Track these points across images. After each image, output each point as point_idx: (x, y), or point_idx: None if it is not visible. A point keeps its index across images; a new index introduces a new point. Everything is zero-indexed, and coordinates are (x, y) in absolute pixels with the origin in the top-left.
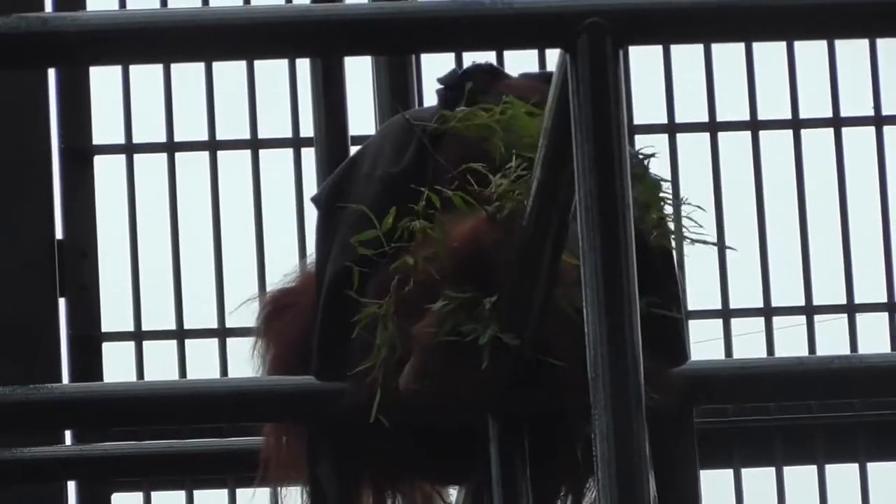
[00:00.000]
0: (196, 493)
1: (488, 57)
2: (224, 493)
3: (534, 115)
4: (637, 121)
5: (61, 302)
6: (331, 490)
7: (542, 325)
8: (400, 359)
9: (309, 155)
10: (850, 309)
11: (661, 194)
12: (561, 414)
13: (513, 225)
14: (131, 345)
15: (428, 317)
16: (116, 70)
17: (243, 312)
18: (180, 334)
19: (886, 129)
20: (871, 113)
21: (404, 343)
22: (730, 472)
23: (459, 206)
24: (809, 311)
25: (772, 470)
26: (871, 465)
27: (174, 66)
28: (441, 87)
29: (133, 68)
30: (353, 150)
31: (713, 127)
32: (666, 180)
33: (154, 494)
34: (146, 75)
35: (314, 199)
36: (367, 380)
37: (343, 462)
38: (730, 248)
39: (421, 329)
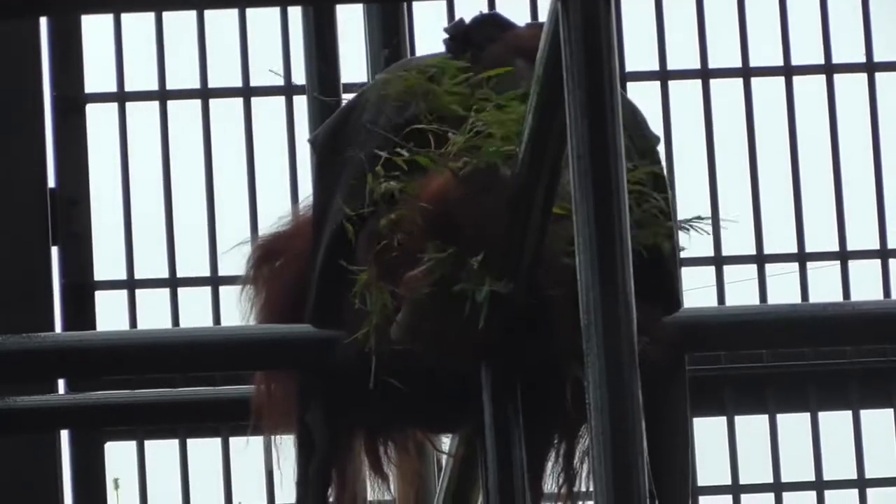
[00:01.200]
0: (189, 441)
1: (482, 5)
2: (217, 441)
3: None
4: (629, 68)
5: (54, 250)
6: (321, 438)
7: (534, 273)
8: (391, 313)
9: (301, 103)
10: (843, 256)
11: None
12: (553, 362)
13: (478, 180)
14: (124, 293)
15: (415, 269)
16: (108, 19)
17: (236, 259)
18: (173, 282)
19: (878, 75)
20: (864, 59)
21: (394, 298)
22: (722, 420)
23: (426, 165)
24: (802, 258)
25: (764, 417)
26: (863, 412)
27: (166, 15)
28: (447, 37)
29: (125, 17)
30: (346, 98)
31: (705, 74)
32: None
33: (147, 443)
34: (138, 24)
35: (311, 141)
36: (365, 343)
37: (334, 410)
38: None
39: (409, 281)
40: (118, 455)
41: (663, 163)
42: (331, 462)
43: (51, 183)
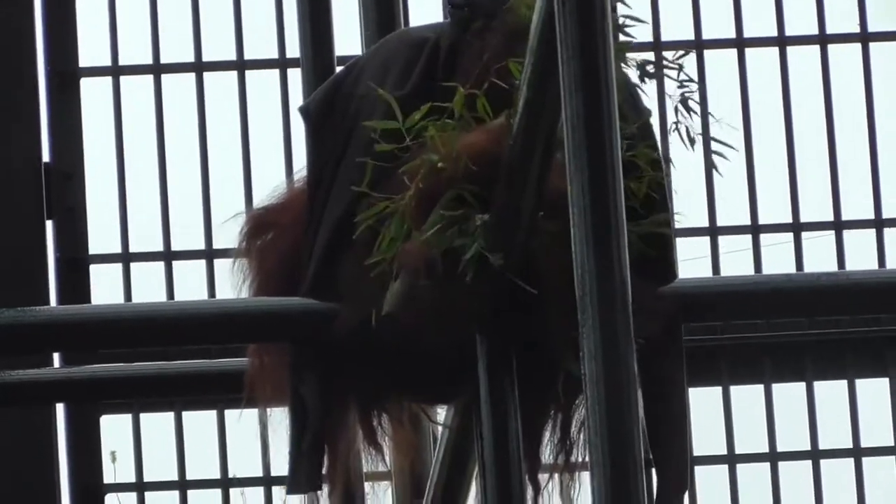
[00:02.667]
0: (184, 414)
1: None
2: (212, 414)
3: None
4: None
5: (48, 224)
6: (315, 410)
7: (529, 245)
8: (386, 280)
9: (295, 76)
10: (838, 226)
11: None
12: (549, 334)
13: None
14: (118, 266)
15: (415, 239)
16: None
17: (230, 232)
18: (167, 256)
19: (872, 45)
20: (858, 30)
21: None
22: (718, 390)
23: (481, 110)
24: (797, 228)
25: (760, 387)
26: (858, 382)
27: None
28: (451, 6)
29: None
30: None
31: (699, 45)
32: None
33: (142, 416)
34: None
35: (302, 109)
36: (362, 296)
37: (328, 382)
38: (723, 149)
39: (407, 251)
40: (114, 428)
41: (657, 136)
42: (324, 434)
43: (45, 157)
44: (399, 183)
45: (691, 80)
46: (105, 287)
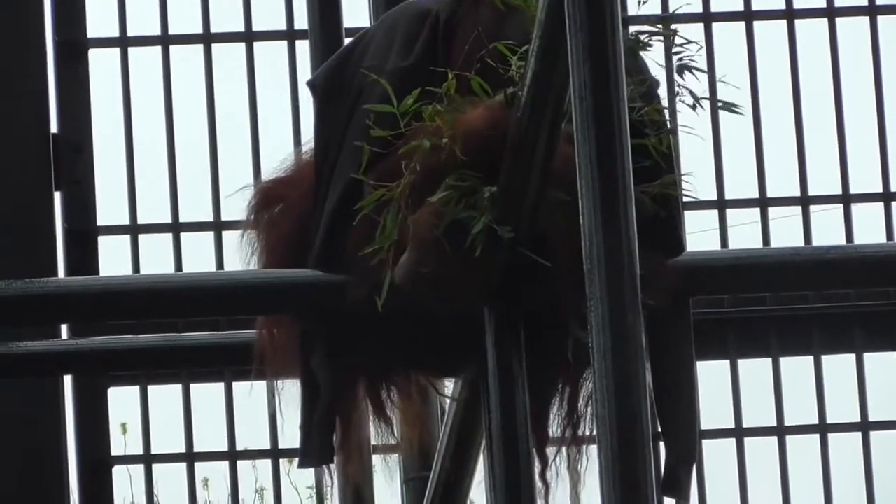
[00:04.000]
0: (192, 386)
1: None
2: (220, 386)
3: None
4: (631, 10)
5: (56, 196)
6: (325, 383)
7: (536, 217)
8: (398, 251)
9: (303, 47)
10: (846, 199)
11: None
12: (557, 306)
13: None
14: (126, 238)
15: (425, 209)
16: None
17: (239, 204)
18: (175, 227)
19: (881, 18)
20: (866, 3)
21: (405, 232)
22: (726, 364)
23: (477, 90)
24: (805, 201)
25: (768, 361)
26: (866, 356)
27: None
28: None
29: None
30: (347, 41)
31: (707, 17)
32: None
33: (150, 388)
34: None
35: (309, 83)
36: (366, 270)
37: (338, 355)
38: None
39: (417, 222)
40: (121, 400)
41: (664, 106)
42: (335, 406)
43: (53, 128)
44: (397, 165)
45: (689, 43)
46: (113, 259)
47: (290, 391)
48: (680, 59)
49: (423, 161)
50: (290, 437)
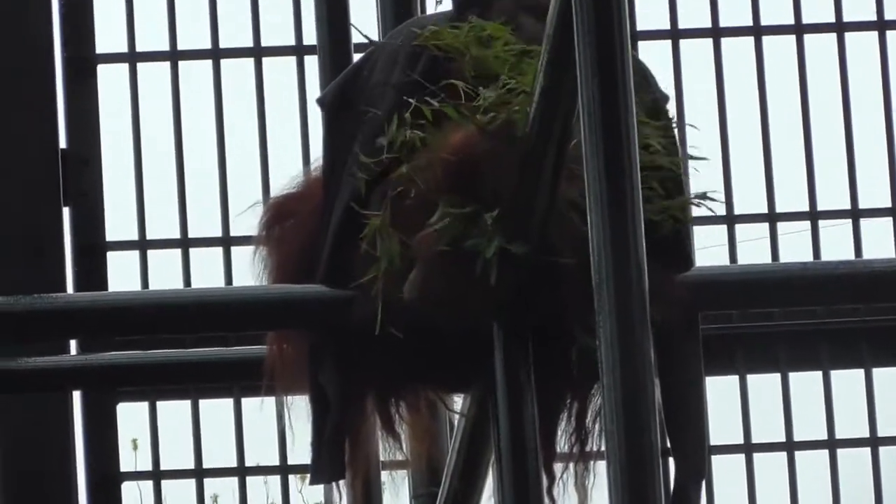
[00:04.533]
0: (201, 402)
1: None
2: (230, 402)
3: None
4: (640, 27)
5: (65, 211)
6: (335, 398)
7: (545, 232)
8: (404, 268)
9: (312, 63)
10: (855, 214)
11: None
12: (565, 321)
13: (506, 135)
14: (135, 253)
15: (428, 228)
16: None
17: (248, 220)
18: (185, 243)
19: (890, 34)
20: (875, 18)
21: (405, 253)
22: (734, 379)
23: (452, 117)
24: (814, 216)
25: (776, 376)
26: (875, 371)
27: None
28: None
29: None
30: (357, 57)
31: (716, 32)
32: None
33: (159, 404)
34: None
35: (319, 101)
36: (373, 289)
37: (347, 370)
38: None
39: (424, 239)
40: (130, 416)
41: (674, 122)
42: (345, 422)
43: (62, 143)
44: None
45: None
46: (122, 274)
47: (300, 407)
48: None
49: (408, 186)
50: (300, 452)
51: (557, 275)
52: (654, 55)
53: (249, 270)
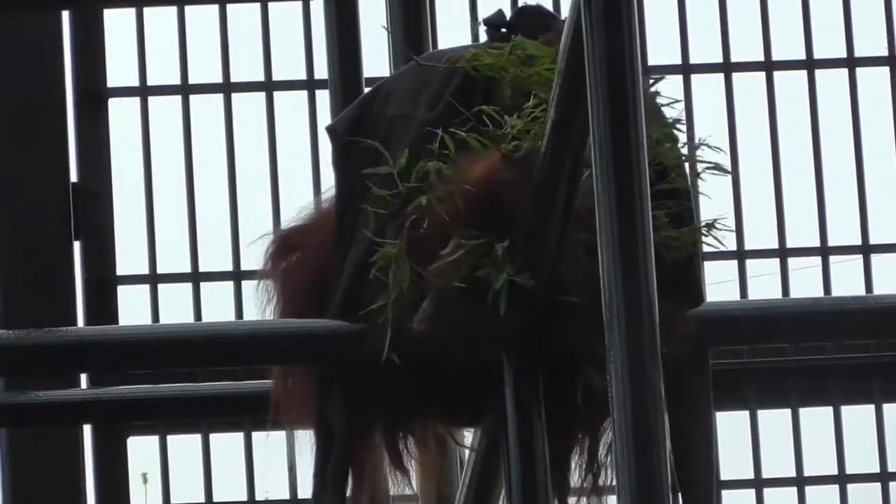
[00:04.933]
0: (212, 436)
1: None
2: (240, 436)
3: (545, 53)
4: (651, 62)
5: (76, 245)
6: (340, 431)
7: (556, 267)
8: (415, 299)
9: (323, 97)
10: (866, 250)
11: (675, 133)
12: (576, 355)
13: (530, 164)
14: (146, 287)
15: (442, 259)
16: (130, 12)
17: (258, 254)
18: (195, 277)
19: None
20: (886, 53)
21: (418, 284)
22: (745, 414)
23: (475, 147)
24: (824, 251)
25: (787, 411)
26: (886, 406)
27: (188, 8)
28: (487, 26)
29: (147, 10)
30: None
31: (727, 67)
32: (680, 121)
33: (169, 438)
34: (160, 18)
35: (329, 129)
36: (386, 320)
37: (354, 404)
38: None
39: (437, 271)
40: (141, 450)
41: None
42: (349, 456)
43: (73, 177)
44: (405, 220)
45: (675, 101)
46: (132, 308)
47: (307, 440)
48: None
49: (427, 217)
50: (309, 486)
51: (568, 309)
52: (664, 89)
53: (258, 303)
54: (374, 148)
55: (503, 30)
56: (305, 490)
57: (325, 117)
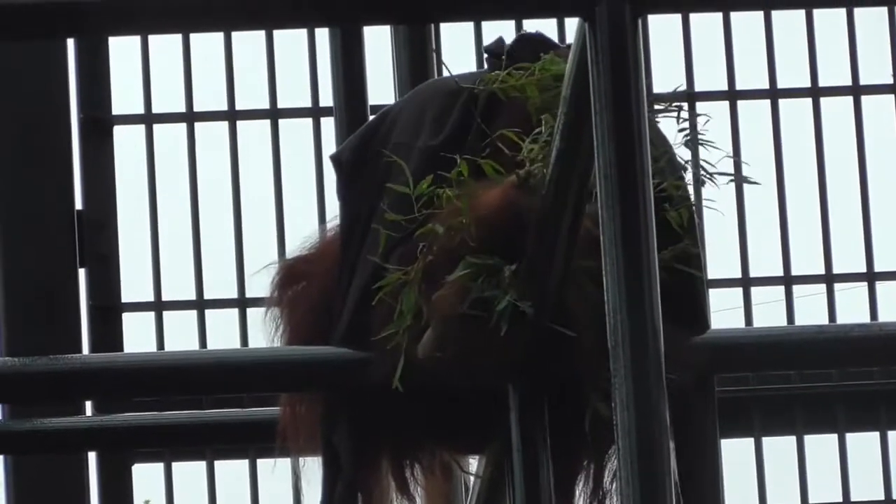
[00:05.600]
0: (217, 463)
1: (508, 27)
2: (245, 463)
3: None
4: (656, 90)
5: (81, 272)
6: (347, 459)
7: (561, 294)
8: (421, 326)
9: (328, 125)
10: (870, 277)
11: (678, 162)
12: (581, 383)
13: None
14: (151, 315)
15: (448, 286)
16: (136, 41)
17: (263, 282)
18: (200, 304)
19: None
20: (891, 81)
21: (426, 310)
22: (750, 441)
23: (490, 174)
24: (829, 279)
25: (792, 438)
26: (891, 434)
27: (193, 37)
28: (488, 55)
29: (152, 39)
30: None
31: (732, 95)
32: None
33: (175, 465)
34: (165, 46)
35: (334, 158)
36: (390, 348)
37: (361, 431)
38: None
39: (441, 298)
40: (145, 477)
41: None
42: (356, 483)
43: (78, 205)
44: (416, 247)
45: (699, 116)
46: (138, 335)
47: (313, 468)
48: (687, 135)
49: (439, 244)
50: None
51: (572, 338)
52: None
53: (264, 332)
54: (379, 176)
55: (503, 58)
56: None
57: (330, 144)
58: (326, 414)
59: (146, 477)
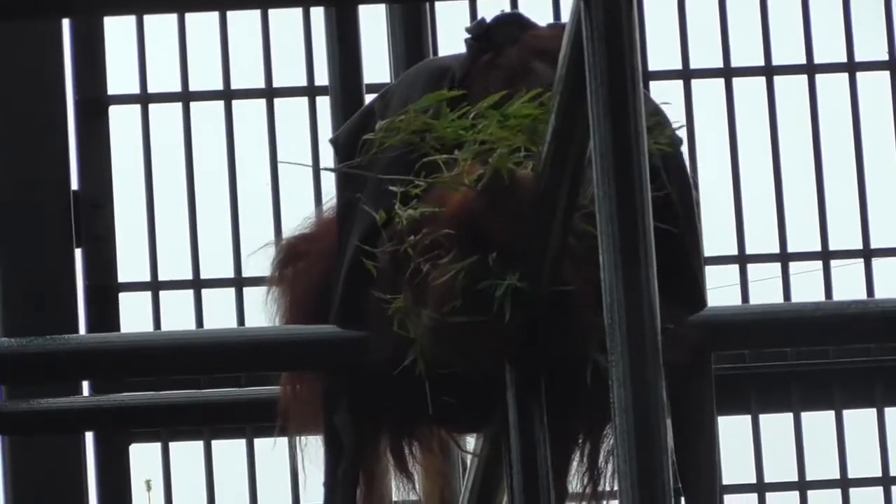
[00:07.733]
0: (214, 442)
1: (505, 5)
2: (242, 442)
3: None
4: (651, 67)
5: (77, 253)
6: (349, 439)
7: (558, 272)
8: (419, 311)
9: (324, 104)
10: (867, 254)
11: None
12: (578, 361)
13: (496, 187)
14: (147, 295)
15: (441, 274)
16: (131, 20)
17: (259, 261)
18: (196, 284)
19: None
20: (886, 57)
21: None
22: (747, 418)
23: (445, 187)
24: (826, 256)
25: (789, 416)
26: (888, 410)
27: (188, 16)
28: (468, 37)
29: (147, 18)
30: (368, 98)
31: (728, 72)
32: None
33: (172, 445)
34: (160, 25)
35: (332, 141)
36: (386, 329)
37: (360, 410)
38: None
39: (436, 286)
40: (143, 457)
41: (686, 163)
42: (359, 463)
43: (74, 185)
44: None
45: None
46: (134, 315)
47: (313, 448)
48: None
49: (424, 258)
50: (313, 494)
51: (568, 313)
52: (665, 95)
53: (262, 311)
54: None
55: (480, 42)
56: (308, 498)
57: (325, 123)
58: (327, 394)
59: (144, 457)
